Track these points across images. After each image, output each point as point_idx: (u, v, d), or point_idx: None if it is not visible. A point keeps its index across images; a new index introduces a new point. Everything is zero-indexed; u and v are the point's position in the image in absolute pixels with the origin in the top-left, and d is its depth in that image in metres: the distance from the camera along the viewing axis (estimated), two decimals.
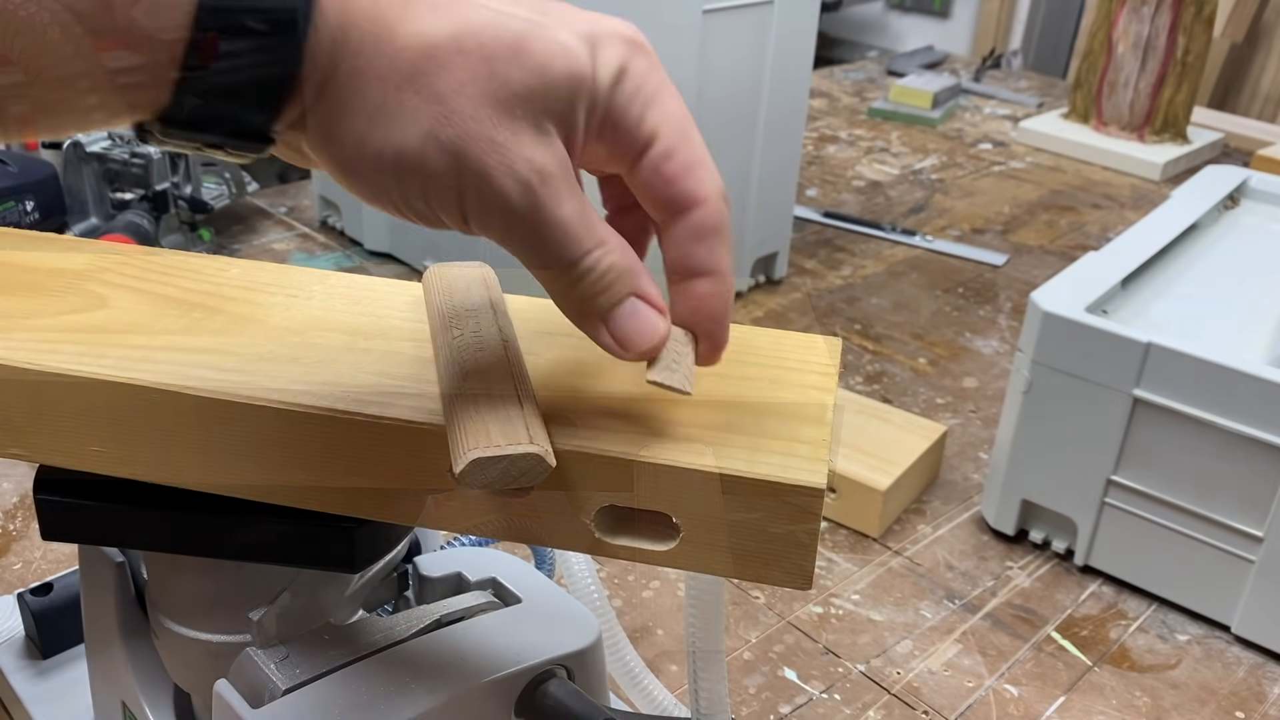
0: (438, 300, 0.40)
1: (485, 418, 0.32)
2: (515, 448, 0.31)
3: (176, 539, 0.41)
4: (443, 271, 0.42)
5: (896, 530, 0.81)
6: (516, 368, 0.35)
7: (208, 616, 0.44)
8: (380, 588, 0.47)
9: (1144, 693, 0.68)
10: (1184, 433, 0.70)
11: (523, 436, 0.31)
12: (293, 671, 0.41)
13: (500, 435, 0.31)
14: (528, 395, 0.33)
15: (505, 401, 0.33)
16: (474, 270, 0.42)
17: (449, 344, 0.36)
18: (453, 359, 0.35)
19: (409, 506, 0.36)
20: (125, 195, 1.09)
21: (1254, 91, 2.34)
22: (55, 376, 0.36)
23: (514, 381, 0.34)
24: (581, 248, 0.30)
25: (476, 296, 0.40)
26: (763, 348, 0.40)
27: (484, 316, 0.38)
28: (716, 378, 0.37)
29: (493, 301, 0.40)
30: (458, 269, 0.42)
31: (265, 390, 0.36)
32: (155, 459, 0.37)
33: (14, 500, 0.78)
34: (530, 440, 0.31)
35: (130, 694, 0.48)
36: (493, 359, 0.35)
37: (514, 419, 0.32)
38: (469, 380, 0.34)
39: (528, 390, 0.34)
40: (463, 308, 0.39)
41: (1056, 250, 1.31)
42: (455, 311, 0.39)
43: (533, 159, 0.29)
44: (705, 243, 0.32)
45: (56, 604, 0.57)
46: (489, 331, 0.37)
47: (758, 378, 0.38)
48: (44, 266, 0.43)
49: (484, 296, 0.40)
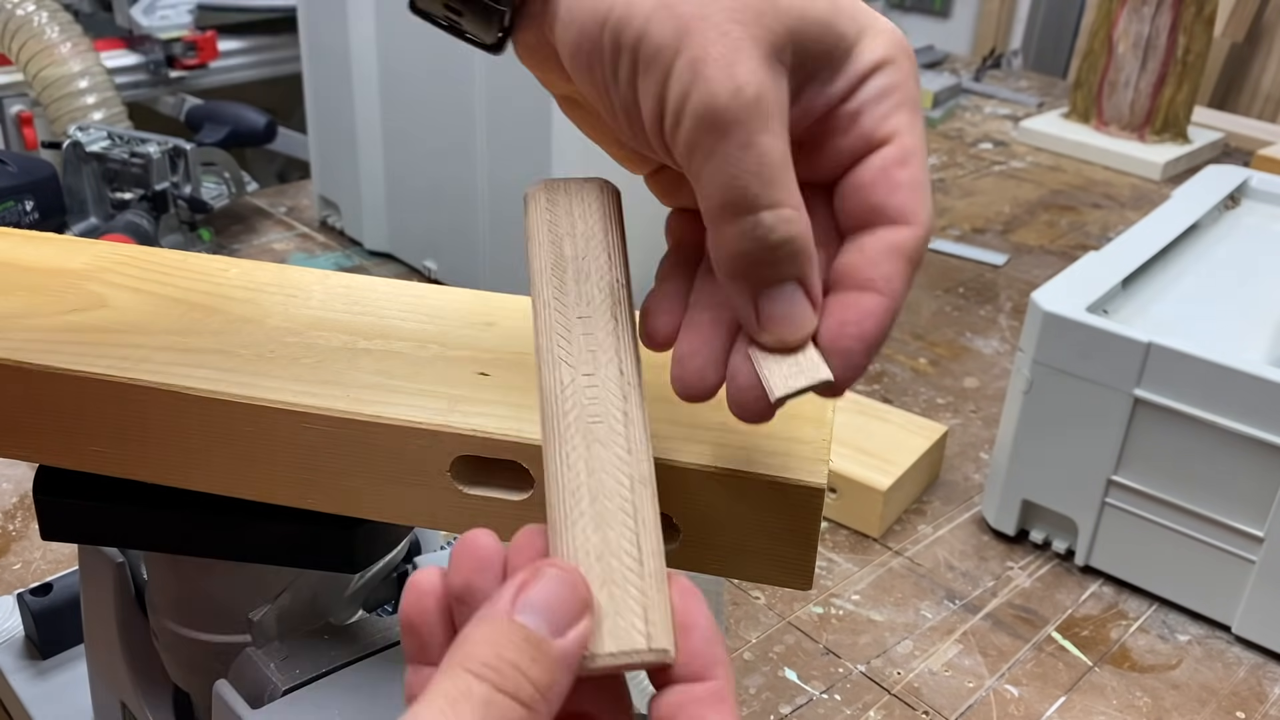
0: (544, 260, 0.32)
1: (595, 592, 0.26)
2: (627, 654, 0.26)
3: (176, 539, 0.41)
4: (554, 201, 0.33)
5: (897, 530, 0.81)
6: (636, 466, 0.28)
7: (207, 617, 0.44)
8: (380, 588, 0.47)
9: (1145, 693, 0.68)
10: (1185, 433, 0.70)
11: (638, 636, 0.26)
12: (292, 672, 0.41)
13: (611, 634, 0.26)
14: (647, 526, 0.27)
15: (619, 558, 0.27)
16: (595, 201, 0.33)
17: (556, 386, 0.30)
18: (560, 432, 0.29)
19: (408, 507, 0.36)
20: (125, 195, 1.09)
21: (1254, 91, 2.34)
22: (55, 376, 0.36)
23: (633, 507, 0.28)
24: (771, 196, 0.27)
25: (597, 272, 0.32)
26: None
27: (601, 326, 0.31)
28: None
29: (613, 290, 0.31)
30: (578, 197, 0.33)
31: (264, 390, 0.36)
32: (154, 459, 0.37)
33: (13, 500, 0.78)
34: (647, 638, 0.26)
35: (130, 694, 0.48)
36: (609, 455, 0.28)
37: (628, 598, 0.26)
38: (580, 500, 0.28)
39: (648, 519, 0.28)
40: (577, 302, 0.31)
41: (1057, 250, 1.31)
42: (565, 305, 0.31)
43: (757, 75, 0.27)
44: (897, 264, 0.29)
45: (56, 604, 0.57)
46: (606, 372, 0.30)
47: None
48: (44, 266, 0.43)
49: (606, 275, 0.31)
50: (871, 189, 0.29)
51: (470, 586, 0.27)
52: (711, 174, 0.27)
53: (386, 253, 1.17)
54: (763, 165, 0.27)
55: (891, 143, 0.29)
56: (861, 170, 0.29)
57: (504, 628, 0.24)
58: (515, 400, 0.36)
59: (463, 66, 0.97)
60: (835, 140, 0.29)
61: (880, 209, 0.29)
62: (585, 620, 0.25)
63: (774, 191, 0.27)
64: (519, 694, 0.23)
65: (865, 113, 0.28)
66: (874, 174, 0.29)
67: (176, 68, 1.86)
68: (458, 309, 0.42)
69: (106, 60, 1.72)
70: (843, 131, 0.29)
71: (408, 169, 1.09)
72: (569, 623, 0.25)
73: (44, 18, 1.62)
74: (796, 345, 0.29)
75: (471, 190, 1.02)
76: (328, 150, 1.18)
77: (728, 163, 0.27)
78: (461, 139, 1.01)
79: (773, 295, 0.28)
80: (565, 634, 0.25)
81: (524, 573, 0.25)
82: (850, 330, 0.29)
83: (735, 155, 0.27)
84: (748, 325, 0.29)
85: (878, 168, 0.29)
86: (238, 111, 1.41)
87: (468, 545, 0.27)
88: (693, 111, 0.27)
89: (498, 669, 0.23)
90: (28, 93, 1.70)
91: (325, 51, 1.12)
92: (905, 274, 0.29)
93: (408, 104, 1.06)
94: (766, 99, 0.27)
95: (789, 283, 0.28)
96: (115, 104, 1.65)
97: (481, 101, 0.97)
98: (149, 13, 1.82)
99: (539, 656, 0.24)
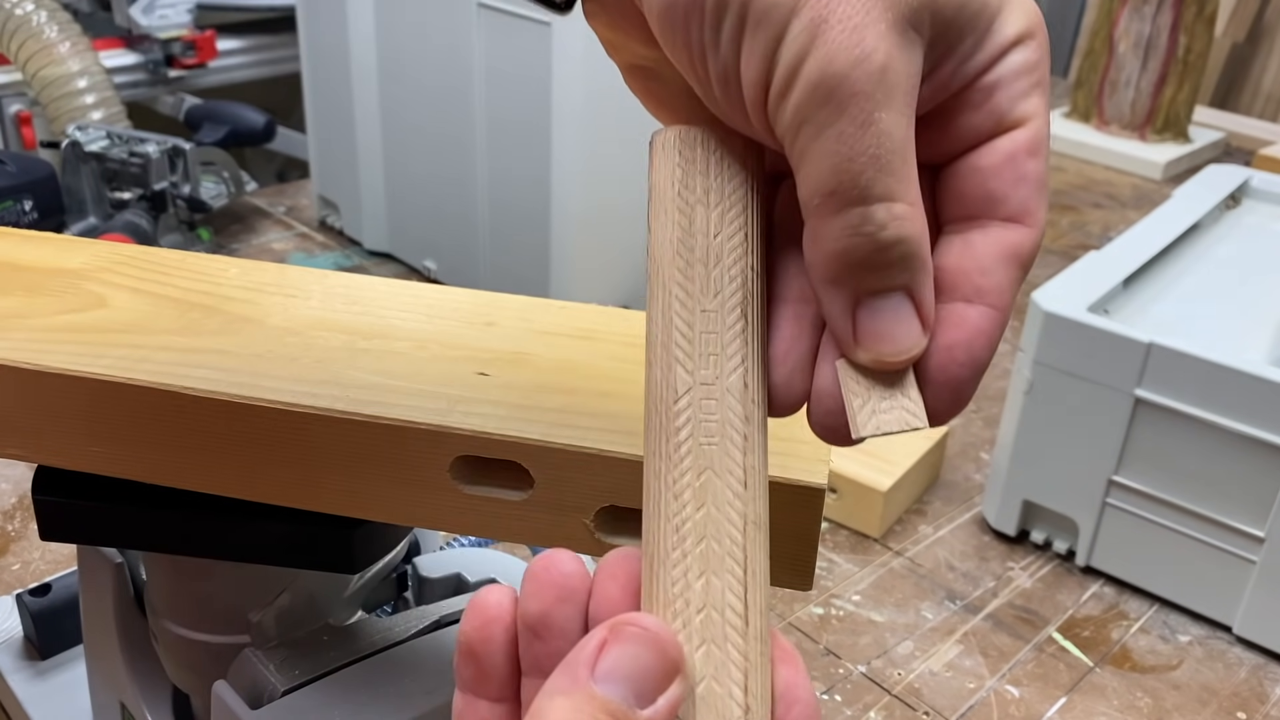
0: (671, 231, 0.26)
1: (692, 650, 0.23)
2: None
3: (175, 539, 0.41)
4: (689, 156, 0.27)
5: (897, 531, 0.81)
6: (751, 504, 0.25)
7: (207, 617, 0.44)
8: (379, 588, 0.47)
9: (1146, 693, 0.68)
10: (1186, 433, 0.70)
11: (735, 707, 0.23)
12: (292, 672, 0.41)
13: (705, 702, 0.23)
14: (757, 579, 0.24)
15: (722, 613, 0.24)
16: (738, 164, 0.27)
17: (668, 392, 0.25)
18: (668, 450, 0.25)
19: (408, 507, 0.36)
20: (124, 195, 1.08)
21: (1255, 91, 2.34)
22: (54, 376, 0.36)
23: (744, 555, 0.24)
24: (886, 186, 0.23)
25: (731, 254, 0.26)
26: None
27: (729, 325, 0.26)
28: None
29: (746, 281, 0.26)
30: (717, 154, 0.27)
31: (264, 390, 0.36)
32: (154, 459, 0.37)
33: (12, 501, 0.78)
34: (745, 710, 0.23)
35: (129, 695, 0.48)
36: (722, 488, 0.25)
37: (729, 661, 0.23)
38: (684, 538, 0.24)
39: (759, 570, 0.24)
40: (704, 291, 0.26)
41: (1058, 250, 1.31)
42: (691, 291, 0.26)
43: (887, 41, 0.23)
44: (1011, 271, 0.25)
45: (55, 605, 0.57)
46: (729, 383, 0.25)
47: None
48: (42, 266, 0.43)
49: (741, 261, 0.26)
50: (995, 175, 0.25)
51: (547, 619, 0.24)
52: (819, 154, 0.23)
53: (386, 252, 1.17)
54: (881, 149, 0.23)
55: (1025, 127, 0.25)
56: (985, 153, 0.25)
57: (584, 701, 0.22)
58: (515, 400, 0.36)
59: (463, 66, 0.97)
60: (962, 117, 0.25)
61: (1000, 200, 0.25)
62: (675, 686, 0.22)
63: (890, 181, 0.23)
64: None
65: (1001, 89, 0.25)
66: (1001, 159, 0.25)
67: (175, 67, 1.86)
68: (457, 309, 0.42)
69: (105, 60, 1.72)
70: (974, 108, 0.25)
71: (407, 169, 1.09)
72: (657, 690, 0.22)
73: (43, 17, 1.62)
74: (896, 369, 0.24)
75: (471, 190, 1.02)
76: (327, 150, 1.17)
77: (840, 142, 0.23)
78: (461, 139, 1.01)
79: (875, 307, 0.24)
80: (653, 702, 0.22)
81: (603, 630, 0.22)
82: (959, 356, 0.24)
83: (850, 134, 0.23)
84: (842, 339, 0.25)
85: (1006, 152, 0.25)
86: (237, 111, 1.41)
87: (550, 569, 0.24)
88: (806, 79, 0.23)
89: None
90: (26, 92, 1.70)
91: (324, 51, 1.11)
92: (1018, 284, 0.25)
93: (407, 103, 1.06)
94: (895, 71, 0.23)
95: (896, 293, 0.24)
96: (114, 103, 1.64)
97: (481, 101, 0.97)
98: (148, 12, 1.82)
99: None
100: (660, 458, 0.25)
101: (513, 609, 0.25)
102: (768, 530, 0.25)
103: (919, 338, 0.24)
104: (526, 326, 0.40)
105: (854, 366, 0.25)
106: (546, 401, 0.36)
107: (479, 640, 0.25)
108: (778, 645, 0.24)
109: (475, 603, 0.25)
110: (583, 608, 0.24)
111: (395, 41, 1.04)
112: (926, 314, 0.24)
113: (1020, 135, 0.25)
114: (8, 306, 0.40)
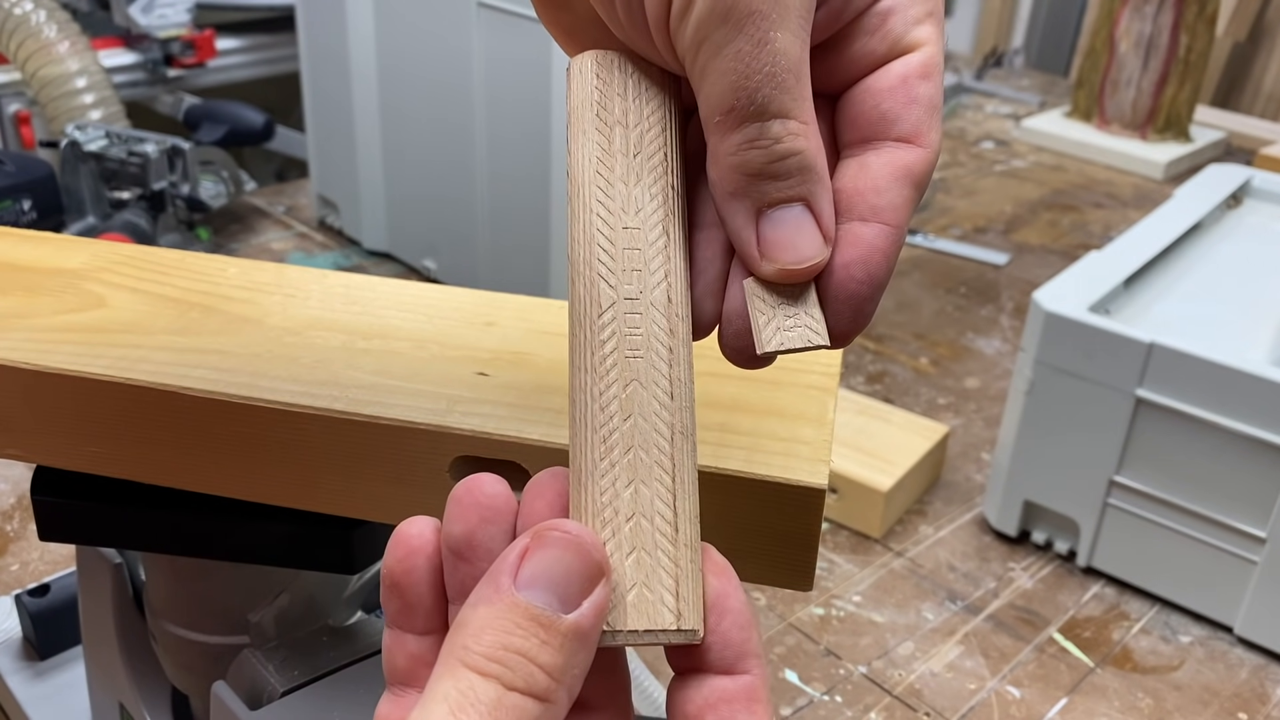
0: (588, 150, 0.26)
1: (622, 558, 0.23)
2: (653, 632, 0.23)
3: (174, 540, 0.41)
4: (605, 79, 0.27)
5: (898, 531, 0.81)
6: (678, 414, 0.25)
7: (206, 618, 0.44)
8: (379, 589, 0.47)
9: (1147, 694, 0.68)
10: (1187, 433, 0.70)
11: (667, 612, 0.23)
12: (291, 673, 0.41)
13: (636, 608, 0.23)
14: (685, 486, 0.24)
15: (651, 520, 0.24)
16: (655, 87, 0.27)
17: (591, 307, 0.25)
18: (593, 364, 0.25)
19: (407, 507, 0.36)
20: (123, 194, 1.08)
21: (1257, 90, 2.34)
22: (53, 376, 0.36)
23: (672, 463, 0.24)
24: (781, 103, 0.24)
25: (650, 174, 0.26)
26: None
27: (651, 241, 0.26)
28: (716, 378, 0.37)
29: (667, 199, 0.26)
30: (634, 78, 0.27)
31: (263, 390, 0.35)
32: (152, 459, 0.37)
33: (11, 501, 0.77)
34: (677, 616, 0.23)
35: (128, 695, 0.48)
36: (648, 398, 0.25)
37: (659, 567, 0.23)
38: (612, 449, 0.24)
39: (687, 478, 0.24)
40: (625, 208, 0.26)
41: (1059, 250, 1.31)
42: (611, 209, 0.26)
43: None
44: (905, 190, 0.25)
45: (54, 605, 0.57)
46: (653, 297, 0.25)
47: (758, 378, 0.37)
48: (41, 266, 0.43)
49: (661, 180, 0.26)
50: (888, 97, 0.25)
51: (472, 539, 0.24)
52: (717, 72, 0.24)
53: (385, 252, 1.17)
54: (777, 66, 0.24)
55: (918, 51, 0.26)
56: (879, 76, 0.26)
57: (506, 610, 0.21)
58: (514, 400, 0.36)
59: (462, 65, 0.96)
60: (857, 43, 0.26)
61: (892, 120, 0.26)
62: (600, 589, 0.22)
63: (786, 99, 0.24)
64: (532, 688, 0.21)
65: (895, 15, 0.25)
66: (894, 81, 0.25)
67: (174, 66, 1.86)
68: (457, 309, 0.42)
69: (104, 59, 1.72)
70: (868, 34, 0.26)
71: (406, 168, 1.09)
72: (581, 593, 0.22)
73: (42, 16, 1.62)
74: (800, 280, 0.25)
75: (471, 190, 1.02)
76: (326, 149, 1.17)
77: (738, 60, 0.24)
78: (461, 138, 1.01)
79: (776, 218, 0.25)
80: (578, 606, 0.22)
81: (525, 537, 0.22)
82: (857, 273, 0.25)
83: (747, 52, 0.23)
84: (746, 253, 0.25)
85: (899, 75, 0.25)
86: (236, 110, 1.41)
87: (472, 491, 0.24)
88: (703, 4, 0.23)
89: (504, 661, 0.21)
90: (25, 92, 1.69)
91: (324, 50, 1.11)
92: (912, 203, 0.26)
93: (407, 103, 1.06)
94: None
95: (796, 204, 0.25)
96: (113, 103, 1.64)
97: (481, 101, 0.97)
98: (147, 11, 1.82)
99: (549, 638, 0.21)
100: (585, 371, 0.25)
101: (435, 538, 0.24)
102: (695, 441, 0.25)
103: (821, 247, 0.25)
104: (526, 326, 0.40)
105: (761, 285, 0.25)
106: (546, 401, 0.36)
107: (402, 572, 0.24)
108: (709, 557, 0.24)
109: (397, 535, 0.24)
110: (508, 528, 0.24)
111: (395, 41, 1.03)
112: (826, 226, 0.25)
113: (913, 59, 0.26)
114: (7, 306, 0.40)
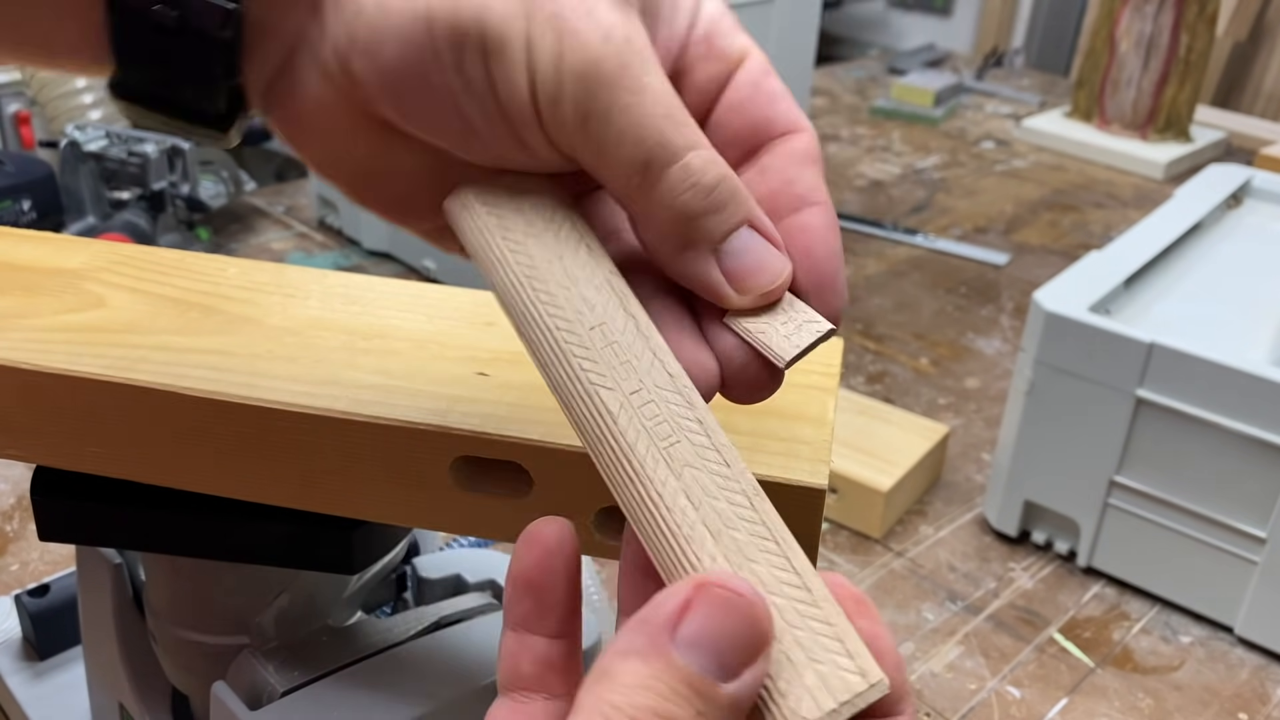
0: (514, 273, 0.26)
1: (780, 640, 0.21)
2: (850, 703, 0.20)
3: (174, 540, 0.41)
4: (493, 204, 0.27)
5: (898, 531, 0.81)
6: (741, 478, 0.23)
7: (206, 618, 0.44)
8: (379, 589, 0.47)
9: (1147, 694, 0.68)
10: (1187, 433, 0.70)
11: (852, 677, 0.21)
12: (291, 673, 0.41)
13: (822, 686, 0.21)
14: (789, 544, 0.23)
15: (781, 593, 0.22)
16: (542, 191, 0.27)
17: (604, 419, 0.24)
18: (636, 471, 0.23)
19: (407, 507, 0.36)
20: (122, 194, 1.08)
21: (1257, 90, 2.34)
22: (52, 376, 0.36)
23: (765, 528, 0.23)
24: (687, 136, 0.24)
25: (584, 271, 0.26)
26: None
27: (621, 329, 0.25)
28: None
29: (611, 286, 0.26)
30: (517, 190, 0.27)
31: (263, 391, 0.35)
32: (152, 459, 0.37)
33: (11, 501, 0.77)
34: (862, 674, 0.21)
35: (127, 696, 0.48)
36: (707, 477, 0.23)
37: (817, 635, 0.21)
38: (704, 543, 0.22)
39: (785, 535, 0.23)
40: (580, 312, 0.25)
41: (1059, 250, 1.31)
42: (569, 319, 0.25)
43: (617, 14, 0.24)
44: (811, 169, 0.27)
45: (54, 605, 0.57)
46: (654, 379, 0.25)
47: None
48: (41, 266, 0.43)
49: (596, 272, 0.26)
50: (753, 104, 0.27)
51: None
52: (616, 136, 0.24)
53: (385, 252, 1.17)
54: (666, 105, 0.24)
55: (750, 57, 0.27)
56: (732, 91, 0.27)
57: (664, 670, 0.19)
58: (515, 400, 0.36)
59: None
60: (698, 69, 0.27)
61: (770, 121, 0.27)
62: (761, 660, 0.20)
63: (687, 131, 0.25)
64: None
65: (716, 35, 0.27)
66: (748, 89, 0.27)
67: None
68: (457, 309, 0.42)
69: None
70: (702, 59, 0.27)
71: None
72: (742, 663, 0.20)
73: None
74: (778, 297, 0.26)
75: None
76: None
77: (628, 114, 0.24)
78: None
79: (732, 250, 0.25)
80: (738, 677, 0.20)
81: (687, 587, 0.20)
82: (819, 252, 0.26)
83: (633, 104, 0.24)
84: (720, 294, 0.26)
85: (749, 83, 0.27)
86: None
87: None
88: (571, 72, 0.24)
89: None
90: (25, 91, 1.69)
91: None
92: (820, 176, 0.27)
93: None
94: (638, 37, 0.24)
95: (742, 228, 0.25)
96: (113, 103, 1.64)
97: None
98: None
99: (706, 709, 0.19)
100: (632, 483, 0.23)
101: (573, 539, 0.24)
102: (765, 495, 0.24)
103: (783, 259, 0.26)
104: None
105: (743, 315, 0.26)
106: (546, 401, 0.36)
107: (540, 573, 0.24)
108: (847, 597, 0.23)
109: (532, 535, 0.24)
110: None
111: None
112: (774, 237, 0.26)
113: (750, 64, 0.27)
114: (6, 306, 0.40)
